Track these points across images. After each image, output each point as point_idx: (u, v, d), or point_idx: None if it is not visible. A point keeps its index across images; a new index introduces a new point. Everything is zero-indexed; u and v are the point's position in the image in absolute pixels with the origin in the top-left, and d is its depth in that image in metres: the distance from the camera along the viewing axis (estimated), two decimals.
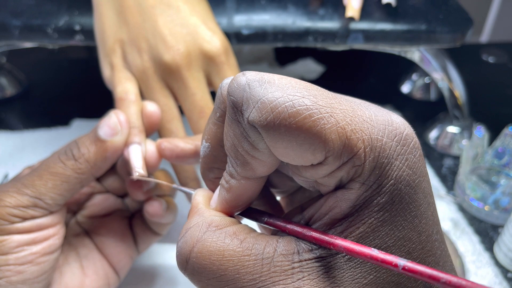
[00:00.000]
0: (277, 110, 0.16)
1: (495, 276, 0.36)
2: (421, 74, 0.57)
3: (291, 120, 0.16)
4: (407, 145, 0.17)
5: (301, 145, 0.16)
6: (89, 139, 0.28)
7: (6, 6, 0.41)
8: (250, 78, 0.17)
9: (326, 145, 0.16)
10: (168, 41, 0.32)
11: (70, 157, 0.28)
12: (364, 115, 0.17)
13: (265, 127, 0.16)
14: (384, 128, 0.17)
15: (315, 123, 0.16)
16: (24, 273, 0.26)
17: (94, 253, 0.32)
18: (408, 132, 0.17)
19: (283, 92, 0.16)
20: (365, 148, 0.16)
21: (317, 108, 0.16)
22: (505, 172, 0.43)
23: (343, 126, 0.16)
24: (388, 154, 0.16)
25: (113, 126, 0.28)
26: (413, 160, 0.17)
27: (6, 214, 0.26)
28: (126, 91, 0.31)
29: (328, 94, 0.17)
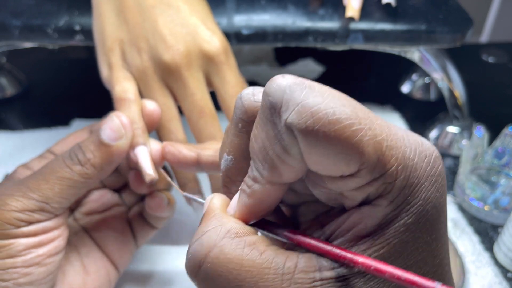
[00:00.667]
0: (318, 115, 0.16)
1: (495, 276, 0.36)
2: (421, 74, 0.57)
3: (331, 127, 0.16)
4: (436, 167, 0.17)
5: (337, 154, 0.16)
6: (93, 143, 0.28)
7: (6, 6, 0.41)
8: (291, 81, 0.17)
9: (361, 157, 0.16)
10: (168, 41, 0.32)
11: (76, 162, 0.28)
12: (399, 133, 0.17)
13: (303, 131, 0.16)
14: (416, 149, 0.17)
15: (354, 133, 0.16)
16: (32, 275, 0.27)
17: (95, 251, 0.32)
18: (437, 155, 0.17)
19: (324, 99, 0.16)
20: (397, 166, 0.16)
21: (358, 118, 0.16)
22: (505, 172, 0.43)
23: (380, 140, 0.16)
24: (419, 174, 0.16)
25: (117, 130, 0.28)
26: (440, 182, 0.17)
27: (13, 218, 0.26)
28: (125, 90, 0.31)
29: (364, 108, 0.17)
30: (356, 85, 0.60)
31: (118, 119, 0.29)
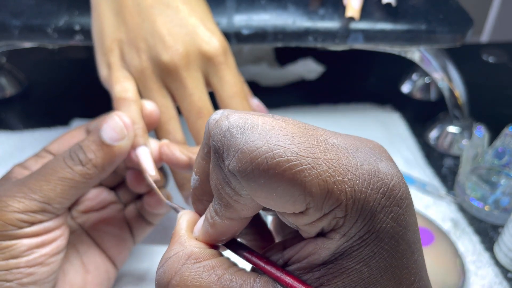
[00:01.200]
0: (257, 161, 0.16)
1: (495, 276, 0.36)
2: (421, 74, 0.57)
3: (270, 172, 0.16)
4: (393, 196, 0.16)
5: (282, 196, 0.16)
6: (95, 143, 0.28)
7: (6, 6, 0.41)
8: (232, 123, 0.17)
9: (306, 198, 0.16)
10: (166, 41, 0.31)
11: (77, 162, 0.28)
12: (350, 164, 0.16)
13: (245, 178, 0.16)
14: (370, 179, 0.16)
15: (295, 176, 0.15)
16: (35, 275, 0.27)
17: (93, 249, 0.32)
18: (395, 183, 0.17)
19: (265, 141, 0.16)
20: (347, 201, 0.16)
21: (299, 159, 0.16)
22: (505, 172, 0.43)
23: (325, 178, 0.16)
24: (372, 206, 0.16)
25: (119, 130, 0.28)
26: (398, 212, 0.16)
27: (15, 219, 0.26)
28: (125, 89, 0.31)
29: (313, 141, 0.16)
30: (356, 85, 0.60)
31: (120, 119, 0.29)
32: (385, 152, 0.18)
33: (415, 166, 0.47)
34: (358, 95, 0.57)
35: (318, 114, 0.53)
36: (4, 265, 0.26)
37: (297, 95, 0.56)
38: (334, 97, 0.56)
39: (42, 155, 0.31)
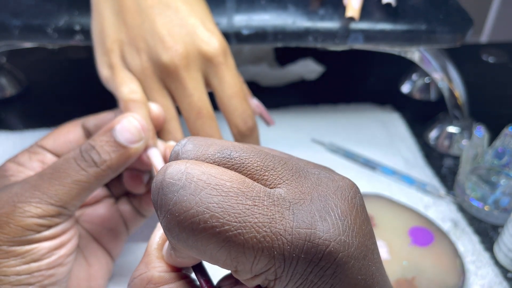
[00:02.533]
0: (184, 225, 0.16)
1: (495, 276, 0.36)
2: (421, 74, 0.57)
3: (197, 236, 0.16)
4: (330, 262, 0.16)
5: (211, 258, 0.16)
6: (109, 145, 0.28)
7: (6, 6, 0.41)
8: (167, 180, 0.16)
9: (232, 262, 0.16)
10: (166, 42, 0.31)
11: (91, 164, 0.27)
12: (283, 228, 0.16)
13: (175, 238, 0.16)
14: (303, 245, 0.16)
15: (221, 242, 0.15)
16: (55, 276, 0.27)
17: (92, 243, 0.32)
18: (333, 248, 0.16)
19: (194, 203, 0.16)
20: (276, 266, 0.16)
21: (224, 226, 0.15)
22: (505, 172, 0.43)
23: (252, 244, 0.15)
24: (304, 272, 0.16)
25: (136, 133, 0.29)
26: (334, 277, 0.16)
27: (33, 224, 0.26)
28: (133, 91, 0.31)
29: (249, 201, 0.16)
30: (356, 85, 0.60)
31: (136, 121, 0.29)
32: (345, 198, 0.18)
33: (415, 166, 0.47)
34: (358, 95, 0.57)
35: (318, 114, 0.53)
36: (26, 269, 0.26)
37: (297, 95, 0.56)
38: (334, 97, 0.56)
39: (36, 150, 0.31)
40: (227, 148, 0.18)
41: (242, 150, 0.18)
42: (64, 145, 0.32)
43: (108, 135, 0.28)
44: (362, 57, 0.64)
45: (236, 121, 0.33)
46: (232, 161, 0.18)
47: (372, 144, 0.49)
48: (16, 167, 0.30)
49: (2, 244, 0.25)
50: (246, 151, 0.18)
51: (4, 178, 0.29)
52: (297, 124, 0.51)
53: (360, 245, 0.17)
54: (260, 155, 0.18)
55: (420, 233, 0.38)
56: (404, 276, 0.35)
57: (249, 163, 0.18)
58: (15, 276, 0.26)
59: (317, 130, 0.51)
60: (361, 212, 0.18)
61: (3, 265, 0.25)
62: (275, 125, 0.40)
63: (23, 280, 0.26)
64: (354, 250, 0.17)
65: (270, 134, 0.48)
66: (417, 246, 0.37)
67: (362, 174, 0.46)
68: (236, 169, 0.17)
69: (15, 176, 0.29)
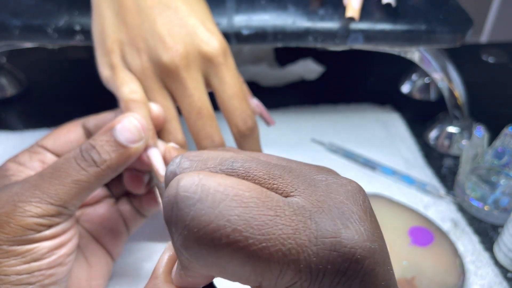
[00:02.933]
0: (204, 241, 0.15)
1: (495, 276, 0.36)
2: (421, 74, 0.57)
3: (219, 252, 0.15)
4: (357, 271, 0.15)
5: (233, 275, 0.15)
6: (109, 144, 0.28)
7: (6, 6, 0.41)
8: (181, 193, 0.15)
9: (258, 277, 0.15)
10: (166, 42, 0.32)
11: (91, 163, 0.28)
12: (308, 239, 0.15)
13: (193, 256, 0.15)
14: (329, 255, 0.15)
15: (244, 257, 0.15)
16: (55, 275, 0.27)
17: (93, 243, 0.33)
18: (359, 255, 0.15)
19: (213, 216, 0.15)
20: (302, 279, 0.15)
21: (248, 240, 0.14)
22: (505, 172, 0.43)
23: (278, 258, 0.15)
24: (332, 282, 0.15)
25: (137, 132, 0.29)
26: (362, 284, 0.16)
27: (33, 224, 0.26)
28: (134, 91, 0.31)
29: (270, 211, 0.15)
30: (356, 85, 0.60)
31: (136, 120, 0.29)
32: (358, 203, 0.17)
33: (414, 166, 0.47)
34: (358, 95, 0.57)
35: (318, 114, 0.53)
36: (26, 269, 0.26)
37: (297, 95, 0.56)
38: (334, 97, 0.56)
39: (36, 150, 0.31)
40: (227, 159, 0.17)
41: (243, 159, 0.17)
42: (64, 145, 0.32)
43: (108, 134, 0.28)
44: (362, 57, 0.64)
45: (236, 121, 0.33)
46: (236, 172, 0.17)
47: (372, 144, 0.49)
48: (17, 167, 0.30)
49: (2, 244, 0.26)
50: (247, 161, 0.17)
51: (4, 178, 0.29)
52: (297, 124, 0.51)
53: (381, 250, 0.16)
54: (263, 164, 0.17)
55: (420, 233, 0.38)
56: (404, 276, 0.35)
57: (255, 172, 0.17)
58: (15, 276, 0.26)
59: (317, 130, 0.51)
60: (373, 215, 0.18)
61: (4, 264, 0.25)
62: (275, 125, 0.40)
63: (23, 279, 0.26)
64: (378, 255, 0.16)
65: (270, 134, 0.48)
66: (417, 246, 0.37)
67: (362, 174, 0.46)
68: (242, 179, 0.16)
69: (16, 176, 0.29)
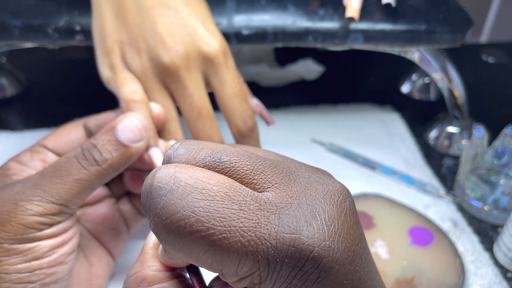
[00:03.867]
0: (170, 228, 0.16)
1: (495, 276, 0.37)
2: (420, 74, 0.57)
3: (183, 240, 0.16)
4: (314, 267, 0.16)
5: (197, 261, 0.17)
6: (111, 143, 0.28)
7: (6, 6, 0.41)
8: (156, 183, 0.17)
9: (218, 265, 0.16)
10: (167, 42, 0.32)
11: (93, 162, 0.28)
12: (268, 233, 0.16)
13: (162, 241, 0.17)
14: (287, 250, 0.16)
15: (206, 246, 0.16)
16: (56, 274, 0.27)
17: (93, 243, 0.33)
18: (317, 253, 0.16)
19: (180, 207, 0.16)
20: (260, 270, 0.16)
21: (210, 230, 0.16)
22: (505, 172, 0.43)
23: (237, 248, 0.16)
24: (288, 276, 0.16)
25: (138, 132, 0.29)
26: (318, 281, 0.16)
27: (35, 222, 0.26)
28: (134, 91, 0.32)
29: (235, 205, 0.16)
30: (356, 85, 0.60)
31: (138, 120, 0.29)
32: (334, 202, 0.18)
33: (414, 166, 0.47)
34: (358, 95, 0.57)
35: (318, 114, 0.53)
36: (27, 267, 0.26)
37: (297, 95, 0.56)
38: (334, 97, 0.56)
39: (38, 150, 0.31)
40: (218, 152, 0.18)
41: (233, 153, 0.18)
42: (65, 145, 0.32)
43: (110, 134, 0.28)
44: (362, 57, 0.64)
45: (236, 121, 0.33)
46: (222, 165, 0.18)
47: (372, 144, 0.49)
48: (18, 166, 0.30)
49: (3, 242, 0.26)
50: (237, 155, 0.18)
51: (5, 177, 0.29)
52: (297, 124, 0.52)
53: (346, 250, 0.17)
54: (251, 159, 0.18)
55: (420, 233, 0.38)
56: (404, 275, 0.35)
57: (239, 167, 0.18)
58: (16, 274, 0.26)
59: (317, 130, 0.51)
60: (350, 216, 0.18)
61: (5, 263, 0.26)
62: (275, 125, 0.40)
63: (24, 278, 0.26)
64: (339, 255, 0.17)
65: (270, 134, 0.48)
66: (417, 246, 0.37)
67: (362, 174, 0.46)
68: (226, 172, 0.18)
69: (17, 175, 0.29)
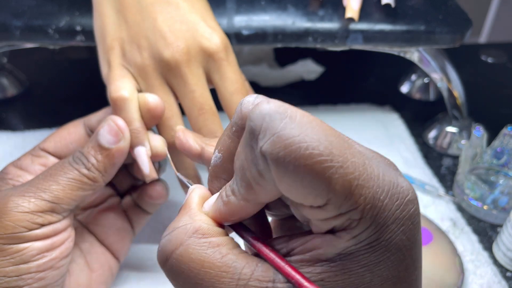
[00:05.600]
0: (291, 148, 0.16)
1: (494, 275, 0.37)
2: (420, 75, 0.58)
3: (301, 161, 0.16)
4: (407, 210, 0.17)
5: (306, 187, 0.16)
6: (94, 149, 0.29)
7: (7, 6, 0.41)
8: (273, 108, 0.17)
9: (328, 193, 0.16)
10: (167, 38, 0.32)
11: (82, 166, 0.28)
12: (373, 173, 0.17)
13: (275, 161, 0.16)
14: (389, 190, 0.17)
15: (324, 170, 0.16)
16: (45, 279, 0.27)
17: (96, 247, 0.33)
18: (411, 198, 0.17)
19: (301, 131, 0.16)
20: (365, 205, 0.16)
21: (330, 156, 0.16)
22: (504, 171, 0.43)
23: (350, 179, 0.16)
24: (386, 216, 0.17)
25: (115, 134, 0.29)
26: (409, 226, 0.17)
27: (25, 220, 0.26)
28: (120, 88, 0.31)
29: (344, 143, 0.17)
30: (355, 86, 0.60)
31: (114, 123, 0.30)
32: (398, 170, 0.19)
33: (414, 166, 0.47)
34: (357, 95, 0.57)
35: (318, 115, 0.53)
36: (15, 271, 0.26)
37: (297, 96, 0.56)
38: (333, 98, 0.56)
39: (38, 154, 0.31)
40: None
41: None
42: (65, 148, 0.32)
43: (93, 140, 0.29)
44: (362, 57, 0.65)
45: None
46: None
47: (371, 144, 0.49)
48: (16, 171, 0.30)
49: None
50: None
51: (2, 181, 0.29)
52: None
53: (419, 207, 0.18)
54: None
55: None
56: None
57: None
58: (3, 278, 0.25)
59: None
60: None
61: None
62: None
63: (11, 282, 0.26)
64: (418, 206, 0.18)
65: None
66: None
67: None
68: None
69: (14, 180, 0.30)
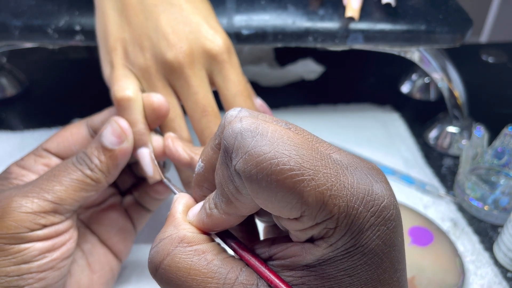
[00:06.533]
0: (262, 166, 0.17)
1: (495, 276, 0.37)
2: (420, 74, 0.57)
3: (273, 177, 0.16)
4: (382, 217, 0.17)
5: (280, 201, 0.17)
6: (97, 150, 0.29)
7: (7, 6, 0.41)
8: (245, 126, 0.18)
9: (302, 206, 0.17)
10: (170, 39, 0.32)
11: (85, 167, 0.28)
12: (347, 181, 0.17)
13: (248, 179, 0.17)
14: (363, 198, 0.17)
15: (295, 184, 0.16)
16: (46, 279, 0.27)
17: (98, 248, 0.32)
18: (386, 204, 0.17)
19: (272, 148, 0.17)
20: (339, 214, 0.17)
21: (301, 169, 0.16)
22: (505, 172, 0.43)
23: (322, 190, 0.16)
24: (361, 223, 0.17)
25: (118, 135, 0.29)
26: (385, 231, 0.17)
27: (28, 220, 0.26)
28: (124, 88, 0.31)
29: (317, 155, 0.17)
30: (356, 85, 0.60)
31: (117, 124, 0.30)
32: (381, 174, 0.19)
33: (414, 166, 0.47)
34: (357, 95, 0.57)
35: (318, 114, 0.53)
36: (16, 270, 0.26)
37: (297, 95, 0.56)
38: (334, 97, 0.56)
39: (41, 154, 0.31)
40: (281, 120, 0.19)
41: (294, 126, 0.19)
42: (68, 149, 0.32)
43: (97, 141, 0.29)
44: (362, 57, 0.64)
45: None
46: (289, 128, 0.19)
47: (372, 144, 0.49)
48: (19, 171, 0.30)
49: None
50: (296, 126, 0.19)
51: (6, 180, 0.29)
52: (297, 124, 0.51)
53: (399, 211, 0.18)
54: None
55: (420, 233, 0.38)
56: None
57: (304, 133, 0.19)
58: (4, 277, 0.25)
59: (317, 130, 0.51)
60: None
61: None
62: None
63: (12, 281, 0.26)
64: (398, 213, 0.18)
65: None
66: (417, 245, 0.37)
67: None
68: None
69: (17, 180, 0.30)
